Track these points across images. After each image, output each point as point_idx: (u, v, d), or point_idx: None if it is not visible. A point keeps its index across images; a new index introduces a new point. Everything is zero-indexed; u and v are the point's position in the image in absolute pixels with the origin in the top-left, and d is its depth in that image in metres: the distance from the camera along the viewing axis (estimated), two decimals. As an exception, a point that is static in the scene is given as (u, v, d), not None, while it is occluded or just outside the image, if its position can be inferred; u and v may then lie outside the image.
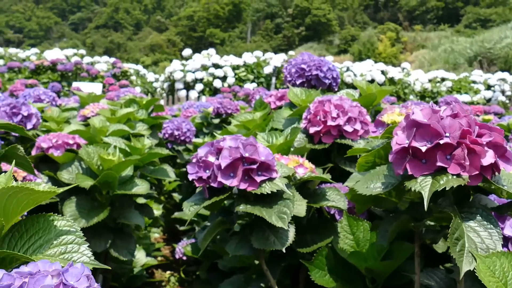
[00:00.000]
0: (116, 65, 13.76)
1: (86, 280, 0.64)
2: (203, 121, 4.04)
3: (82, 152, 1.76)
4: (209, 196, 1.22)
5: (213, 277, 2.50)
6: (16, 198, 0.76)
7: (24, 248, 0.82)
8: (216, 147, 1.22)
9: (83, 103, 2.91)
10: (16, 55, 13.86)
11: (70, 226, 0.84)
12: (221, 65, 12.44)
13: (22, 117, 1.96)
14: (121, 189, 1.79)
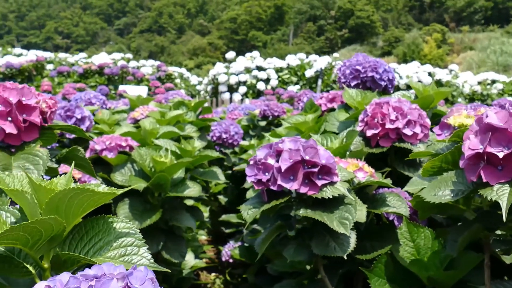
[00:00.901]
0: (161, 68, 13.97)
1: (151, 283, 0.62)
2: (249, 124, 4.03)
3: (135, 154, 1.77)
4: (268, 200, 1.19)
5: (261, 280, 2.47)
6: (77, 199, 0.75)
7: (85, 250, 0.81)
8: (275, 149, 1.19)
9: (133, 106, 2.93)
10: (65, 59, 14.28)
11: (129, 228, 0.83)
12: (264, 67, 12.43)
13: (76, 120, 1.99)
14: (173, 191, 1.78)
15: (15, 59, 13.08)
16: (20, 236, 0.70)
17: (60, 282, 0.60)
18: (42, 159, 0.96)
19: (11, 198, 0.90)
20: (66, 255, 0.77)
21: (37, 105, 1.00)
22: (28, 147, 1.00)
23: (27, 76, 12.55)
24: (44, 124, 1.03)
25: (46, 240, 0.74)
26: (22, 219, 0.83)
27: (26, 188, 0.79)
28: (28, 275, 0.80)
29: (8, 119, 0.98)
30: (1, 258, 0.79)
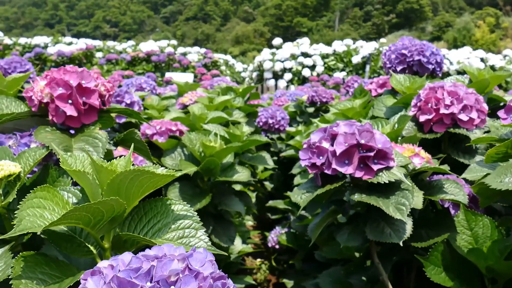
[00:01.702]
0: (207, 55, 14.06)
1: (211, 265, 0.62)
2: (297, 110, 4.00)
3: (185, 139, 1.78)
4: (322, 184, 1.18)
5: (308, 267, 2.46)
6: (138, 181, 0.76)
7: (144, 231, 0.82)
8: (330, 133, 1.17)
9: (181, 92, 2.96)
10: (113, 47, 14.55)
11: (187, 210, 0.84)
12: (310, 54, 12.30)
13: (126, 105, 2.02)
14: (223, 176, 1.79)
15: (66, 48, 13.44)
16: (83, 216, 0.71)
17: (122, 262, 0.61)
18: (102, 141, 0.98)
19: (72, 179, 0.92)
20: (126, 235, 0.78)
21: (96, 88, 1.01)
22: (88, 130, 1.02)
23: (77, 64, 12.89)
24: (102, 107, 1.05)
25: (107, 221, 0.76)
26: (83, 199, 0.85)
27: (87, 169, 0.80)
28: (89, 255, 0.82)
29: (69, 101, 1.00)
30: (64, 237, 0.81)
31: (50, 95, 0.99)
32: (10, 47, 14.15)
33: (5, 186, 0.91)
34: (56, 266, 0.76)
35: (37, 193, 0.76)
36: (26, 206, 0.73)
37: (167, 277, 0.57)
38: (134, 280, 0.57)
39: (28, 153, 0.93)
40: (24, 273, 0.71)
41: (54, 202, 0.76)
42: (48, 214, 0.74)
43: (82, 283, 0.60)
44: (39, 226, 0.70)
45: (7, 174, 0.86)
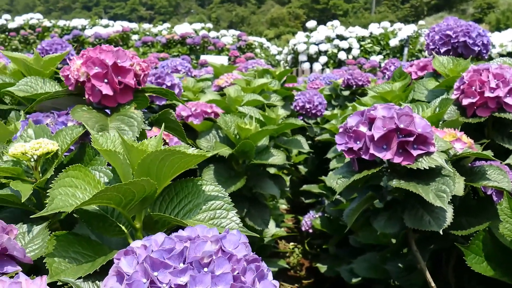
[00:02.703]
0: (241, 38, 14.01)
1: (244, 247, 0.61)
2: (332, 93, 3.95)
3: (220, 121, 1.77)
4: (358, 169, 1.14)
5: (342, 252, 2.44)
6: (168, 161, 0.75)
7: (175, 211, 0.81)
8: (367, 117, 1.13)
9: (217, 74, 2.95)
10: (149, 30, 14.64)
11: (218, 191, 0.83)
12: (346, 36, 12.11)
13: (166, 87, 2.01)
14: (258, 159, 1.77)
15: (103, 30, 13.61)
16: (114, 196, 0.71)
17: (155, 242, 0.60)
18: (137, 120, 0.98)
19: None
20: (158, 215, 0.78)
21: (132, 68, 1.01)
22: (123, 109, 1.02)
23: (114, 46, 13.02)
24: (137, 87, 1.04)
25: (138, 201, 0.75)
26: (115, 179, 0.84)
27: (118, 148, 0.80)
28: (121, 234, 0.82)
29: (105, 80, 0.99)
30: (96, 217, 0.81)
31: (86, 74, 0.99)
32: (50, 29, 14.42)
33: (43, 163, 0.92)
34: (88, 245, 0.76)
35: (69, 172, 0.76)
36: (58, 185, 0.73)
37: (200, 258, 0.56)
38: (167, 261, 0.56)
39: (66, 132, 0.93)
40: (57, 251, 0.71)
41: (86, 182, 0.76)
42: (80, 194, 0.74)
43: (115, 263, 0.60)
44: (71, 205, 0.70)
45: (45, 151, 0.87)
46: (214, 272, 0.55)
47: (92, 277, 0.69)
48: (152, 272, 0.54)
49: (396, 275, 1.50)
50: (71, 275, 0.68)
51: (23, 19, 14.49)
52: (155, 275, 0.54)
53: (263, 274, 0.59)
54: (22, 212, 0.96)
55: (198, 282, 0.54)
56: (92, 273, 0.69)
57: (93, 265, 0.70)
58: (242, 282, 0.55)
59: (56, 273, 0.68)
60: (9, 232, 0.67)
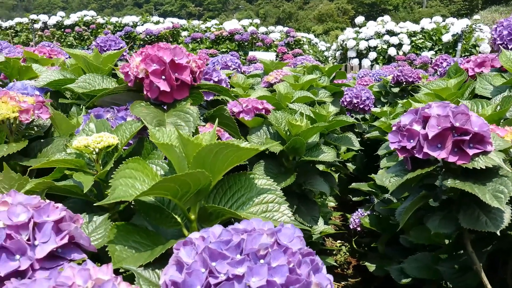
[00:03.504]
0: (289, 34, 13.98)
1: (299, 241, 0.62)
2: (381, 90, 3.90)
3: (271, 117, 1.78)
4: (412, 168, 1.13)
5: (392, 251, 2.41)
6: (222, 154, 0.77)
7: (228, 204, 0.83)
8: (421, 115, 1.12)
9: (266, 70, 2.96)
10: (198, 26, 14.83)
11: (270, 185, 0.84)
12: (396, 32, 11.88)
13: (213, 83, 2.04)
14: (308, 155, 1.77)
15: (153, 27, 13.89)
16: (171, 187, 0.74)
17: (213, 234, 0.62)
18: (193, 116, 1.00)
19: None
20: (212, 207, 0.80)
21: (188, 65, 1.03)
22: (179, 105, 1.05)
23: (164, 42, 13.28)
24: (193, 83, 1.07)
25: (193, 193, 0.78)
26: (170, 172, 0.87)
27: (174, 142, 0.82)
28: (176, 226, 0.85)
29: (162, 77, 1.02)
30: (153, 208, 0.84)
31: (145, 71, 1.03)
32: (103, 26, 14.84)
33: (104, 156, 0.96)
34: (146, 235, 0.80)
35: (129, 164, 0.79)
36: (119, 175, 0.77)
37: (256, 250, 0.58)
38: (225, 252, 0.58)
39: (125, 126, 0.97)
40: (118, 240, 0.75)
41: (144, 174, 0.79)
42: (139, 185, 0.77)
43: (175, 252, 0.62)
44: (131, 195, 0.73)
45: (106, 145, 0.91)
46: (270, 264, 0.56)
47: (151, 266, 0.72)
48: (211, 262, 0.56)
49: (449, 276, 1.47)
50: (132, 263, 0.71)
51: (77, 16, 14.98)
52: (213, 265, 0.56)
53: (318, 267, 0.60)
54: (83, 202, 1.00)
55: (255, 273, 0.55)
56: (151, 261, 0.72)
57: (152, 254, 0.73)
58: (297, 274, 0.56)
59: (118, 261, 0.71)
60: (75, 221, 0.71)
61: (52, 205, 0.70)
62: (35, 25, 15.01)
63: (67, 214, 0.70)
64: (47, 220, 0.67)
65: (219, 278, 0.55)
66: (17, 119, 1.10)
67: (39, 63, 2.26)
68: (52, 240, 0.66)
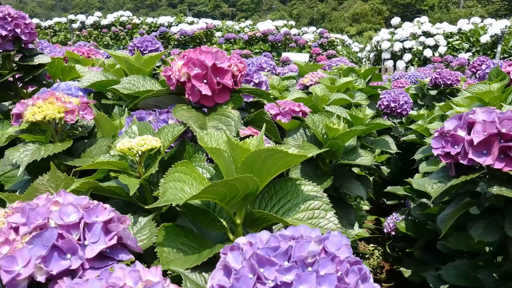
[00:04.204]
0: (323, 35, 13.92)
1: (347, 249, 0.62)
2: (418, 93, 3.84)
3: (308, 120, 1.77)
4: (456, 174, 1.11)
5: (428, 257, 2.37)
6: (270, 160, 0.77)
7: (274, 210, 0.83)
8: (466, 121, 1.09)
9: (301, 72, 2.96)
10: (232, 27, 14.91)
11: (316, 191, 0.84)
12: (432, 33, 11.68)
13: (254, 85, 2.04)
14: (345, 159, 1.76)
15: (187, 27, 14.03)
16: (220, 192, 0.74)
17: (260, 240, 0.62)
18: (234, 120, 1.01)
19: (207, 155, 0.96)
20: (259, 213, 0.80)
21: (229, 69, 1.04)
22: (221, 109, 1.05)
23: (198, 42, 13.41)
24: (234, 87, 1.08)
25: (240, 197, 0.78)
26: (217, 175, 0.88)
27: (222, 146, 0.83)
28: (221, 229, 0.85)
29: (204, 81, 1.03)
30: (199, 211, 0.85)
31: (187, 75, 1.04)
32: (138, 26, 15.07)
33: (146, 159, 0.97)
34: (193, 237, 0.80)
35: (178, 167, 0.80)
36: (169, 179, 0.78)
37: (304, 258, 0.58)
38: (273, 258, 0.58)
39: (167, 129, 0.98)
40: (166, 242, 0.76)
41: (192, 177, 0.80)
42: (188, 188, 0.77)
43: (222, 257, 0.62)
44: (180, 198, 0.74)
45: (149, 148, 0.92)
46: (318, 272, 0.56)
47: (198, 269, 0.73)
48: (259, 269, 0.56)
49: (489, 284, 1.44)
50: (179, 265, 0.72)
51: (114, 16, 15.25)
52: (261, 271, 0.56)
53: (365, 276, 0.60)
54: (125, 203, 1.02)
55: (303, 281, 0.55)
56: (198, 264, 0.73)
57: (199, 257, 0.74)
58: (346, 283, 0.56)
59: (166, 262, 0.72)
60: (123, 222, 0.72)
61: (101, 206, 0.72)
62: (73, 25, 15.36)
63: (115, 215, 0.72)
64: (96, 221, 0.69)
65: (267, 284, 0.55)
66: (62, 119, 1.12)
67: (81, 63, 2.32)
68: (101, 240, 0.67)
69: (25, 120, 1.12)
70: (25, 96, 1.95)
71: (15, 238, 0.69)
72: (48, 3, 66.75)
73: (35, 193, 0.93)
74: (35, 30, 1.84)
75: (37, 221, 0.69)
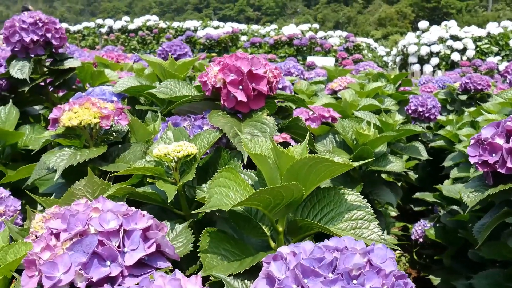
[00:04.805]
0: (349, 39, 13.85)
1: (392, 262, 0.61)
2: (447, 98, 3.78)
3: (338, 126, 1.76)
4: (493, 183, 1.09)
5: (457, 265, 2.33)
6: (316, 168, 0.77)
7: (316, 218, 0.83)
8: (505, 128, 1.07)
9: (330, 77, 2.95)
10: (257, 31, 14.95)
11: (359, 201, 0.84)
12: (460, 37, 11.51)
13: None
14: (375, 165, 1.74)
15: (213, 31, 14.11)
16: (265, 199, 0.74)
17: (304, 250, 0.62)
18: (269, 127, 1.01)
19: (243, 162, 0.96)
20: (302, 221, 0.80)
21: (265, 75, 1.04)
22: (256, 115, 1.05)
23: (223, 47, 13.48)
24: (269, 93, 1.07)
25: (284, 205, 0.78)
26: (259, 182, 0.88)
27: (266, 153, 0.83)
28: (263, 236, 0.85)
29: (240, 87, 1.03)
30: (241, 217, 0.85)
31: (222, 81, 1.04)
32: (165, 30, 15.22)
33: (181, 165, 0.98)
34: (235, 244, 0.80)
35: (223, 173, 0.81)
36: (214, 184, 0.78)
37: (349, 270, 0.57)
38: (317, 270, 0.57)
39: (203, 135, 0.98)
40: (209, 247, 0.76)
41: (237, 183, 0.80)
42: (232, 194, 0.78)
43: (265, 266, 0.62)
44: (226, 204, 0.74)
45: (186, 154, 0.92)
46: (363, 285, 0.55)
47: (240, 276, 0.73)
48: (303, 279, 0.56)
49: (524, 295, 1.40)
50: (221, 271, 0.72)
51: (141, 21, 15.44)
52: (306, 282, 0.56)
53: (411, 291, 0.59)
54: (159, 209, 1.03)
55: (348, 294, 0.54)
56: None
57: (241, 264, 0.74)
58: (391, 297, 0.55)
59: (208, 268, 0.72)
60: (160, 230, 0.72)
61: (139, 213, 0.72)
62: (101, 29, 15.60)
63: (153, 222, 0.72)
64: (135, 228, 0.69)
65: (311, 295, 0.55)
66: (98, 124, 1.14)
67: (110, 68, 2.35)
68: (140, 248, 0.67)
69: (61, 125, 1.13)
70: (56, 100, 1.98)
71: (55, 244, 0.70)
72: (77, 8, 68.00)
73: (72, 197, 0.95)
74: (65, 34, 1.87)
75: (78, 227, 0.70)
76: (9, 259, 0.74)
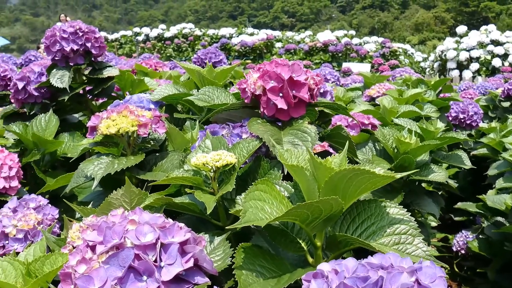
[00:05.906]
0: (385, 44, 13.68)
1: (442, 282, 0.57)
2: (489, 104, 3.67)
3: (378, 133, 1.71)
4: (549, 196, 1.02)
5: (503, 279, 2.24)
6: (356, 180, 0.73)
7: (357, 232, 0.79)
8: (561, 138, 1.01)
9: (367, 83, 2.89)
10: (292, 38, 14.93)
11: (403, 215, 0.79)
12: (501, 41, 11.20)
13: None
14: (417, 175, 1.68)
15: (248, 38, 14.17)
16: (302, 213, 0.71)
17: (346, 268, 0.58)
18: (311, 135, 0.97)
19: (283, 172, 0.93)
20: (342, 236, 0.76)
21: (306, 82, 1.01)
22: (296, 123, 1.02)
23: (258, 53, 13.51)
24: (310, 101, 1.04)
25: (322, 219, 0.74)
26: (295, 194, 0.85)
27: (303, 164, 0.79)
28: (300, 251, 0.82)
29: (280, 94, 1.00)
30: (277, 231, 0.82)
31: (262, 88, 1.01)
32: (200, 38, 15.38)
33: (220, 174, 0.95)
34: (271, 259, 0.77)
35: (258, 185, 0.78)
36: (249, 197, 0.75)
37: (396, 290, 0.53)
38: (362, 290, 0.53)
39: (242, 144, 0.96)
40: (245, 264, 0.73)
41: (272, 196, 0.77)
42: (268, 207, 0.75)
43: (305, 285, 0.59)
44: (261, 219, 0.71)
45: (224, 163, 0.90)
46: (414, 307, 0.51)
47: (277, 293, 0.69)
48: (348, 300, 0.52)
49: None
50: (258, 289, 0.69)
51: (177, 28, 15.65)
52: (351, 303, 0.52)
53: (465, 313, 0.54)
54: (197, 219, 1.00)
55: (398, 317, 0.50)
56: (276, 289, 0.70)
57: (278, 282, 0.70)
58: (444, 320, 0.51)
59: (244, 286, 0.69)
60: (198, 243, 0.70)
61: (177, 225, 0.70)
62: (138, 38, 15.88)
63: (191, 235, 0.69)
64: (173, 242, 0.67)
65: (358, 318, 0.51)
66: (135, 132, 1.13)
67: (149, 75, 2.36)
68: (178, 262, 0.65)
69: (99, 133, 1.13)
70: (95, 108, 2.00)
71: (91, 257, 0.68)
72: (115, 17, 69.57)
73: (109, 207, 0.93)
74: (104, 43, 1.88)
75: (114, 240, 0.68)
76: (46, 270, 0.73)
